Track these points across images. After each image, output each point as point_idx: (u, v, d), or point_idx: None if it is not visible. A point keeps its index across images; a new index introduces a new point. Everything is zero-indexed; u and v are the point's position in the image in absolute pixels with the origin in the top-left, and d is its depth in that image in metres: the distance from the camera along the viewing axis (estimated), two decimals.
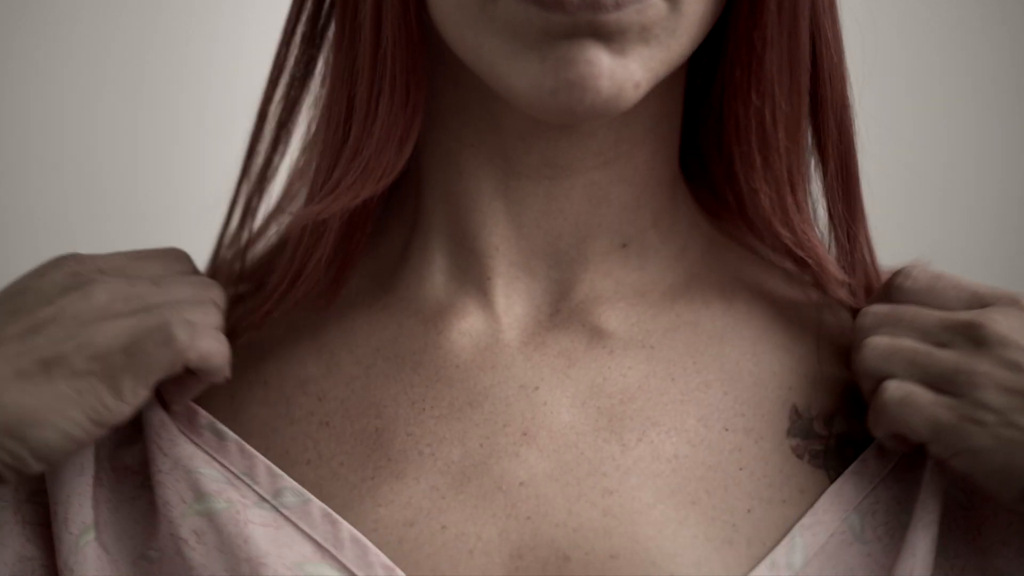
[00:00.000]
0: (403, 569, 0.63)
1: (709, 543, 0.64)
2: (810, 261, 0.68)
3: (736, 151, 0.69)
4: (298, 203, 0.74)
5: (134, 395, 0.64)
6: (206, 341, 0.65)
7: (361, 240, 0.70)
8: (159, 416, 0.68)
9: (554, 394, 0.68)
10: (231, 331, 0.70)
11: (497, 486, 0.65)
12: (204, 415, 0.69)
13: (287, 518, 0.65)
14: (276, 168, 0.74)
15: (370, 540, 0.64)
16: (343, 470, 0.67)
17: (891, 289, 0.68)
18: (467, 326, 0.70)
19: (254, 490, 0.66)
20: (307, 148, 0.74)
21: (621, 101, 0.62)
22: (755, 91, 0.67)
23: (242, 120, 0.75)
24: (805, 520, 0.65)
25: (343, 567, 0.64)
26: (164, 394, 0.69)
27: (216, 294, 0.69)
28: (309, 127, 0.74)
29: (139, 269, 0.68)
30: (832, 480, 0.66)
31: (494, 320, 0.70)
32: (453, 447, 0.67)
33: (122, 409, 0.64)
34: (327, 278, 0.70)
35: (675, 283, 0.71)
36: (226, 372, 0.67)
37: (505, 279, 0.70)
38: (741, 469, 0.66)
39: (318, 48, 0.72)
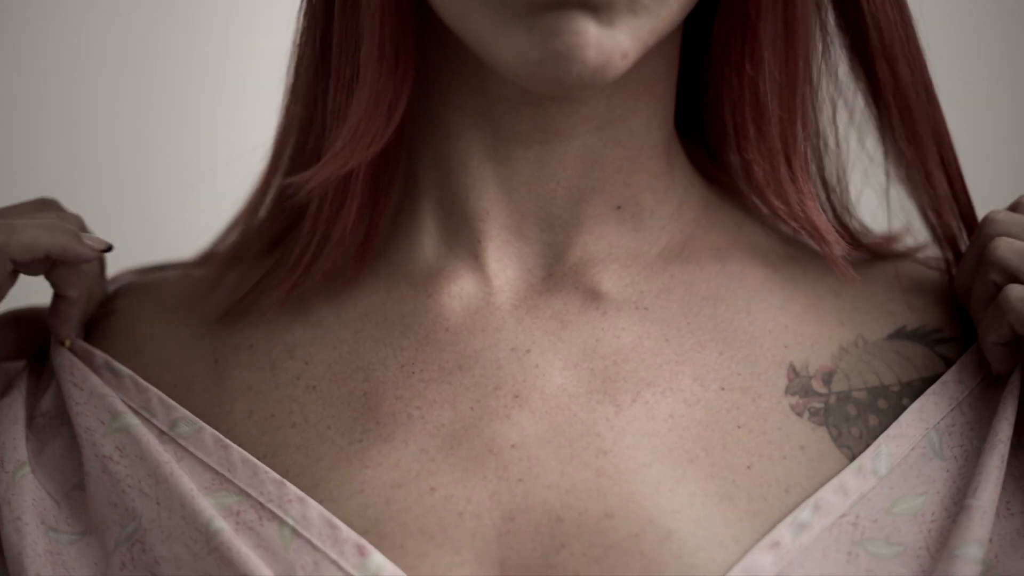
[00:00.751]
0: (390, 531, 0.62)
1: (708, 500, 0.62)
2: (805, 230, 0.69)
3: (730, 120, 0.69)
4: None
5: None
6: (27, 233, 0.68)
7: (386, 205, 0.70)
8: (68, 357, 0.71)
9: (546, 356, 0.67)
10: (242, 307, 0.72)
11: (488, 449, 0.64)
12: (99, 354, 0.71)
13: (186, 449, 0.66)
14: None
15: (357, 501, 0.63)
16: (330, 433, 0.66)
17: (1020, 204, 0.69)
18: (458, 289, 0.69)
19: (154, 424, 0.68)
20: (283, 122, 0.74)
21: (608, 72, 0.61)
22: (749, 61, 0.67)
23: (249, 109, 0.75)
24: (890, 431, 0.65)
25: (237, 488, 0.64)
26: (55, 333, 0.72)
27: (72, 219, 0.71)
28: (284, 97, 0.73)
29: (1, 214, 0.72)
30: (835, 438, 0.66)
31: (485, 283, 0.69)
32: (443, 410, 0.65)
33: None
34: (353, 246, 0.70)
35: (670, 245, 0.71)
36: (75, 252, 0.69)
37: (496, 243, 0.69)
38: (739, 427, 0.65)
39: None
